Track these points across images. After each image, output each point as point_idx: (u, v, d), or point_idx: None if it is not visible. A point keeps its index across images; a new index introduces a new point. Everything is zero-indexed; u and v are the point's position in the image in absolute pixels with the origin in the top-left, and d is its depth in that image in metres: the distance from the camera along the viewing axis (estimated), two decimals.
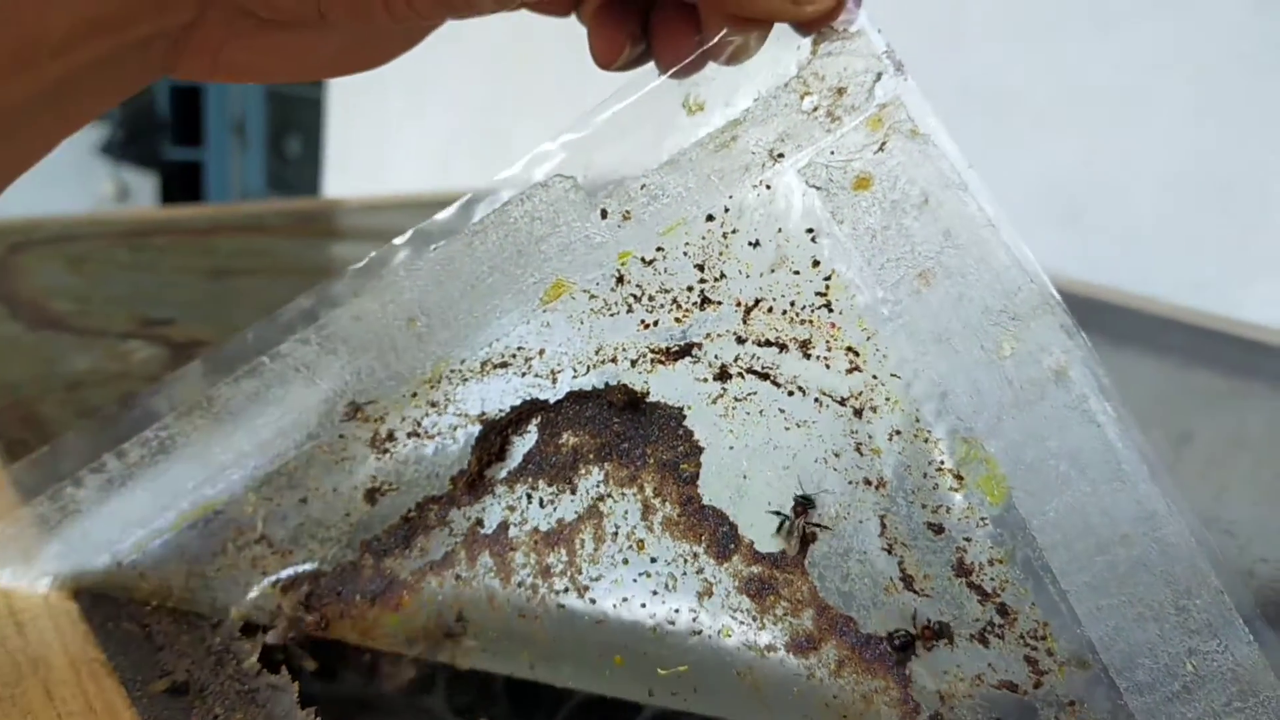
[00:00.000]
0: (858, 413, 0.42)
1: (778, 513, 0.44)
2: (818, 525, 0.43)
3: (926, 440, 0.41)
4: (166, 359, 0.81)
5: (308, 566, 0.49)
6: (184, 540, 0.48)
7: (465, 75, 2.08)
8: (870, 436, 0.42)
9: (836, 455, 0.42)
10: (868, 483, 0.42)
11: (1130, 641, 0.39)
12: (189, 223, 1.27)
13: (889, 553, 0.42)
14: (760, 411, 0.43)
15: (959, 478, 0.41)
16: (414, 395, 0.47)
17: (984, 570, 0.41)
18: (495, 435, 0.46)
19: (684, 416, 0.44)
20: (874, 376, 0.41)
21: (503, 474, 0.47)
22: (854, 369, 0.42)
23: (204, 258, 1.16)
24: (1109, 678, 0.40)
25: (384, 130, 2.49)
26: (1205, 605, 0.38)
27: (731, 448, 0.44)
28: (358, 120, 2.60)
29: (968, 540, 0.41)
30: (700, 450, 0.44)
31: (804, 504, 0.43)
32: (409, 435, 0.47)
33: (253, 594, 0.50)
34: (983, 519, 0.41)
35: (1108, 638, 0.40)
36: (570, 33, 0.43)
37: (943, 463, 0.41)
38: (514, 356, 0.45)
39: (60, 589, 0.49)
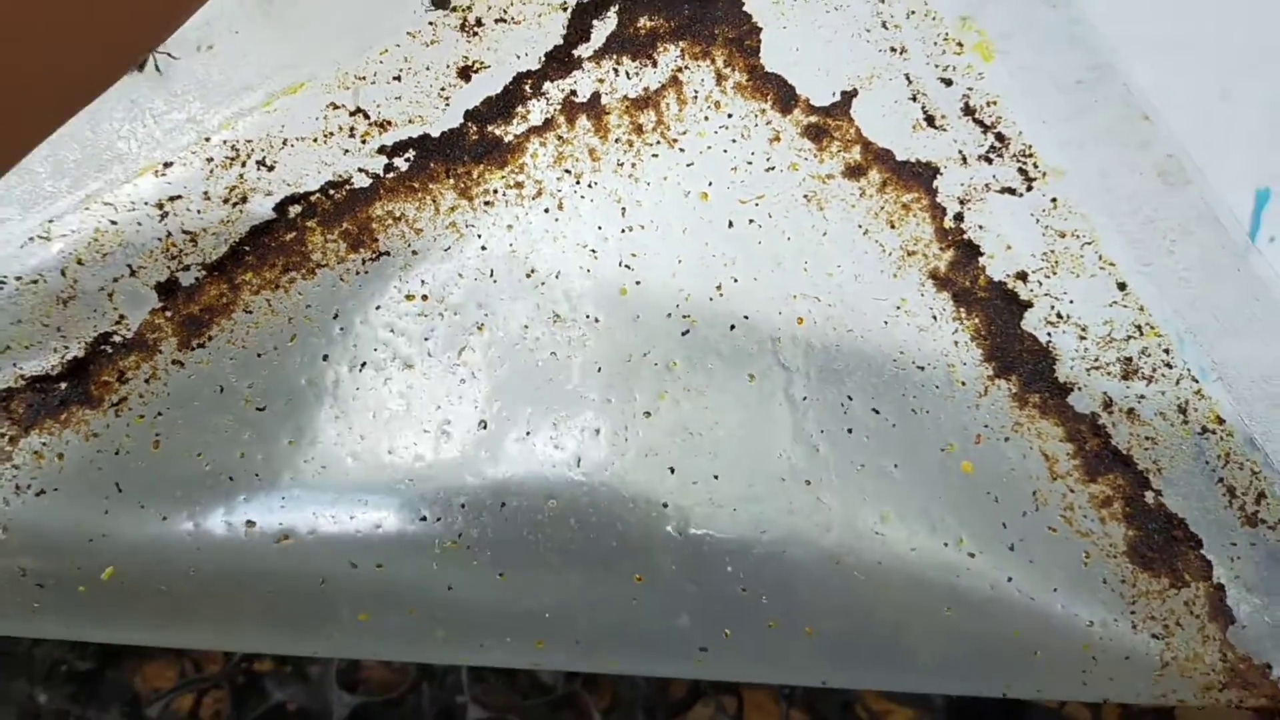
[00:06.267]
0: None
1: None
2: None
3: (934, 18, 0.55)
4: None
5: (413, 132, 0.53)
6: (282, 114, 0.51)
7: None
8: (892, 15, 0.56)
9: (868, 30, 0.55)
10: (893, 50, 0.55)
11: (1098, 158, 0.54)
12: None
13: (913, 100, 0.55)
14: None
15: (960, 44, 0.55)
16: None
17: (984, 110, 0.55)
18: (583, 16, 0.55)
19: (744, 2, 0.55)
20: None
21: (589, 53, 0.55)
22: None
23: None
24: (1083, 185, 0.54)
25: None
26: None
27: (785, 28, 0.55)
28: None
29: (970, 89, 0.55)
30: (759, 29, 0.55)
31: None
32: (496, 21, 0.54)
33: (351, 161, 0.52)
34: (979, 74, 0.55)
35: (1073, 148, 0.54)
36: None
37: (947, 34, 0.55)
38: None
39: None
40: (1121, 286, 0.52)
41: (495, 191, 0.53)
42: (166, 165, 0.51)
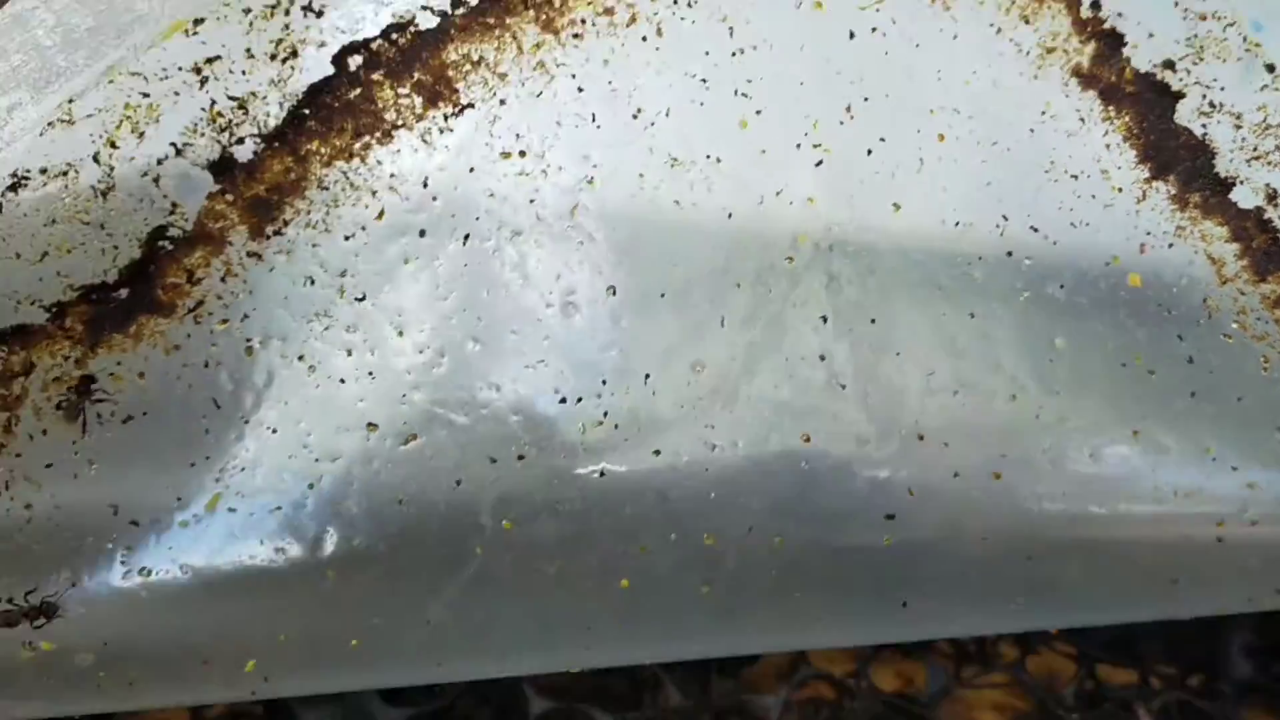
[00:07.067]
0: None
1: None
2: None
3: None
4: None
5: None
6: None
7: None
8: None
9: None
10: None
11: None
12: None
13: None
14: None
15: None
16: None
17: None
18: None
19: None
20: None
21: None
22: None
23: None
24: None
25: None
26: None
27: None
28: None
29: None
30: None
31: None
32: None
33: None
34: None
35: None
36: None
37: None
38: None
39: None
40: (1270, 68, 0.48)
41: (583, 21, 0.46)
42: (197, 22, 0.43)
